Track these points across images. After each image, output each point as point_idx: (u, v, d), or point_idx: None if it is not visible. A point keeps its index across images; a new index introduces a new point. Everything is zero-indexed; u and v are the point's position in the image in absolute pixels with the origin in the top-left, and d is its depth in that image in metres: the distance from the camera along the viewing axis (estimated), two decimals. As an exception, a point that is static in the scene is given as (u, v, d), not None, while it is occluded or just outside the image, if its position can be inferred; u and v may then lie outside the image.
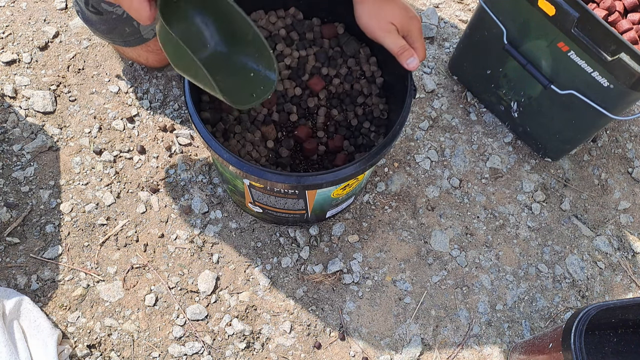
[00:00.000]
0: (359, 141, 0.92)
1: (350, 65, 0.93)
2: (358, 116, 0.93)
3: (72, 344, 0.92)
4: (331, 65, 0.93)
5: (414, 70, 0.79)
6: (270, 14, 0.92)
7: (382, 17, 0.78)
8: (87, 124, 1.08)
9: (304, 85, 0.93)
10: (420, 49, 0.79)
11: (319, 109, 0.93)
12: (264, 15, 0.92)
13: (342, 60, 0.93)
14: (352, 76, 0.93)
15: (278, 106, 0.92)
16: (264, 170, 0.73)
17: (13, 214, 0.99)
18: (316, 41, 0.93)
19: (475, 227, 1.06)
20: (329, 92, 0.94)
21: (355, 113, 0.93)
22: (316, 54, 0.93)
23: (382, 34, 0.79)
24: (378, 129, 0.93)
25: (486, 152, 1.12)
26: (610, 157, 1.15)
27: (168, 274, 0.98)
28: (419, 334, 0.98)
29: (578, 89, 0.92)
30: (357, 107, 0.93)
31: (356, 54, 0.93)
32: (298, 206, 0.88)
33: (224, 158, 0.74)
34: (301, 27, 0.93)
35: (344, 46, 0.93)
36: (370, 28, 0.80)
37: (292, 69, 0.93)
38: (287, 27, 0.93)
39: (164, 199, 1.03)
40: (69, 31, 1.16)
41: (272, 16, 0.92)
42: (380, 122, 0.93)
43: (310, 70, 0.93)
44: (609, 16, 0.90)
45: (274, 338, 0.96)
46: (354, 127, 0.93)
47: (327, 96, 0.94)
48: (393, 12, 0.78)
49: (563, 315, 1.02)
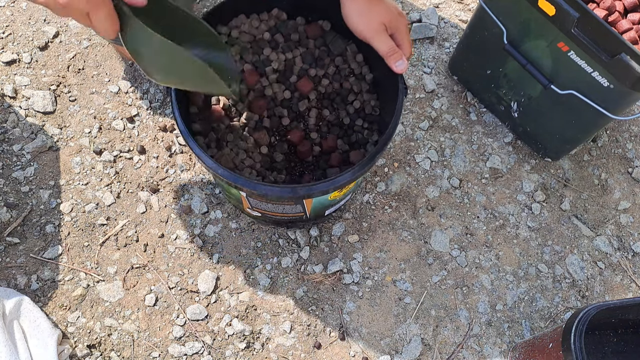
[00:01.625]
0: (352, 139, 0.92)
1: (337, 64, 0.92)
2: (350, 114, 0.93)
3: (72, 344, 0.92)
4: (318, 65, 0.92)
5: (403, 72, 0.79)
6: (252, 18, 0.90)
7: (372, 16, 0.77)
8: (87, 124, 1.08)
9: (292, 88, 0.92)
10: (407, 46, 0.79)
11: (310, 111, 0.93)
12: (245, 19, 0.89)
13: (329, 59, 0.92)
14: (340, 75, 0.93)
15: (269, 111, 0.92)
16: (258, 184, 0.73)
17: (13, 214, 0.99)
18: (302, 42, 0.92)
19: (475, 227, 1.06)
20: (319, 92, 0.93)
21: (347, 111, 0.93)
22: (302, 55, 0.92)
23: (371, 34, 0.78)
24: (371, 126, 0.93)
25: (486, 152, 1.12)
26: (610, 157, 1.15)
27: (168, 274, 0.98)
28: (419, 334, 0.98)
29: (578, 89, 0.92)
30: (349, 105, 0.93)
31: (343, 52, 0.92)
32: (296, 210, 0.88)
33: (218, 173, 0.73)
34: (285, 29, 0.92)
35: (330, 45, 0.92)
36: (359, 27, 0.79)
37: (279, 72, 0.92)
38: (270, 29, 0.91)
39: (164, 199, 1.03)
40: (69, 31, 1.16)
41: (254, 20, 0.90)
42: (373, 119, 0.93)
43: (297, 72, 0.92)
44: (609, 16, 0.90)
45: (274, 338, 0.96)
46: (347, 125, 0.93)
47: (318, 97, 0.93)
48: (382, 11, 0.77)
49: (563, 315, 1.02)
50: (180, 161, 1.06)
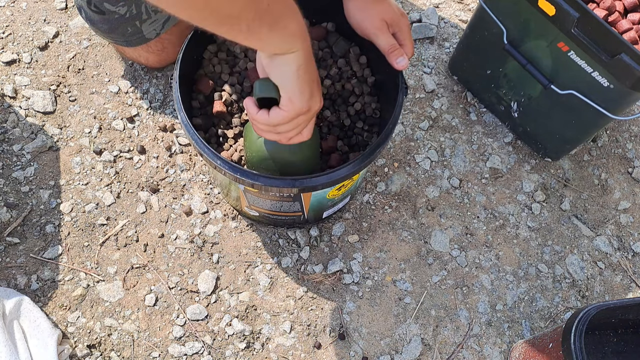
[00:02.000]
0: (352, 141, 0.92)
1: (340, 66, 0.93)
2: (351, 116, 0.93)
3: (72, 344, 0.92)
4: (321, 66, 0.92)
5: (403, 69, 0.79)
6: None
7: (374, 13, 0.78)
8: (87, 124, 1.08)
9: None
10: (409, 46, 0.80)
11: None
12: None
13: (332, 60, 0.93)
14: (342, 76, 0.93)
15: None
16: (258, 175, 0.73)
17: (13, 214, 0.99)
18: None
19: (475, 227, 1.06)
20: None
21: (348, 113, 0.93)
22: None
23: (373, 30, 0.78)
24: (371, 128, 0.93)
25: (486, 152, 1.12)
26: (610, 157, 1.15)
27: (168, 274, 0.98)
28: (419, 334, 0.98)
29: (578, 89, 0.92)
30: (349, 107, 0.93)
31: (346, 53, 0.93)
32: (294, 208, 0.88)
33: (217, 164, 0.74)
34: None
35: (334, 46, 0.92)
36: (361, 24, 0.79)
37: None
38: None
39: (164, 199, 1.03)
40: (69, 31, 1.16)
41: None
42: (373, 121, 0.93)
43: None
44: (609, 16, 0.90)
45: (274, 338, 0.96)
46: (347, 127, 0.93)
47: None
48: (384, 9, 0.78)
49: (563, 315, 1.02)
50: (180, 161, 1.06)
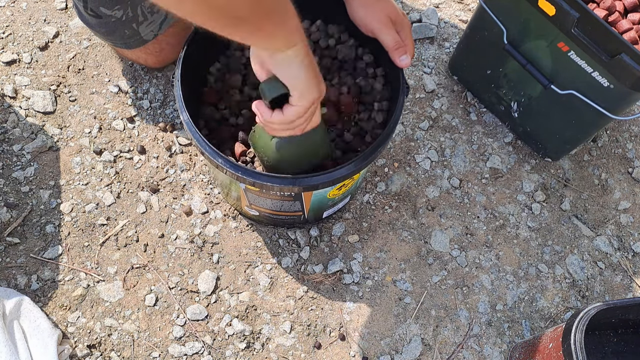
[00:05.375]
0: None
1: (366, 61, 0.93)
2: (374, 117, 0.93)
3: (72, 344, 0.92)
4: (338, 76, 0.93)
5: (406, 67, 0.79)
6: None
7: (378, 9, 0.78)
8: (87, 124, 1.08)
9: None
10: (411, 45, 0.80)
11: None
12: None
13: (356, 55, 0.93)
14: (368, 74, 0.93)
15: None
16: (259, 174, 0.73)
17: (13, 214, 0.99)
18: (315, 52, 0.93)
19: (476, 227, 1.06)
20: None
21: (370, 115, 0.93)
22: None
23: (378, 26, 0.78)
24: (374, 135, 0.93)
25: (486, 152, 1.12)
26: (611, 157, 1.15)
27: (168, 274, 0.98)
28: (419, 334, 0.98)
29: (578, 89, 0.92)
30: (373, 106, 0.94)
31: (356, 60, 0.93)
32: (294, 208, 0.88)
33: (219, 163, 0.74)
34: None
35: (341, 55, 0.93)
36: (365, 20, 0.79)
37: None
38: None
39: (164, 199, 1.03)
40: (69, 31, 1.16)
41: None
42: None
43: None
44: (609, 16, 0.90)
45: (274, 338, 0.96)
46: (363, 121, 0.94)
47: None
48: (388, 5, 0.78)
49: (563, 315, 1.02)
50: (180, 161, 1.06)
